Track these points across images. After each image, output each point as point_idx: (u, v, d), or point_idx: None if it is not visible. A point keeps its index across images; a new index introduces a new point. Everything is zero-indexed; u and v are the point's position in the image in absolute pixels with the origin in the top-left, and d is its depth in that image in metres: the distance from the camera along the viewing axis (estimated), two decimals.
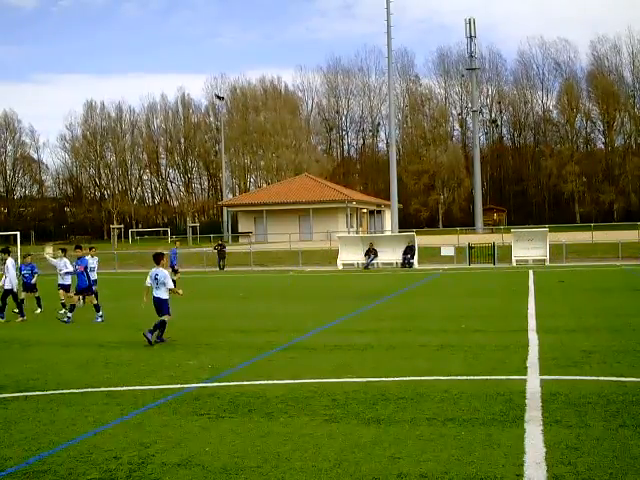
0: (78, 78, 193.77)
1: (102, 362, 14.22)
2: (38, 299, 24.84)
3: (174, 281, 22.11)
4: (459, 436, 8.36)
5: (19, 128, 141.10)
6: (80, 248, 23.29)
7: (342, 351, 14.79)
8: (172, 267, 33.52)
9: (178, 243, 39.52)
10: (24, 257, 25.55)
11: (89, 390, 11.55)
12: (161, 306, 16.62)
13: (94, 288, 23.11)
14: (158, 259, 17.00)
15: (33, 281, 24.19)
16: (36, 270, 24.37)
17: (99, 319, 21.42)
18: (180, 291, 17.83)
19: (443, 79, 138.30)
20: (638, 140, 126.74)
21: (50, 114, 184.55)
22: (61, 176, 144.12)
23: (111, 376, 12.69)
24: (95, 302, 22.03)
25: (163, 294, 16.65)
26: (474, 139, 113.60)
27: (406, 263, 46.85)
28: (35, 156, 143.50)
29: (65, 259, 23.62)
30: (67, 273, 23.24)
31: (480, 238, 61.87)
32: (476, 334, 16.54)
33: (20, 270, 24.68)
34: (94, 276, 24.45)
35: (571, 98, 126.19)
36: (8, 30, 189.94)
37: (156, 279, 16.60)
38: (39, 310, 24.50)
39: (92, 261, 24.93)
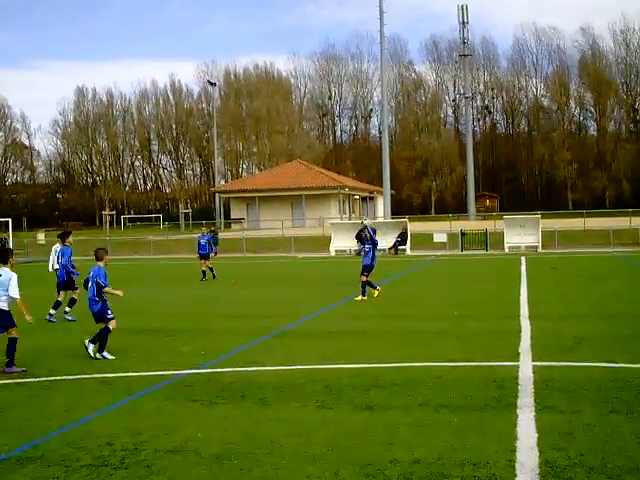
0: (70, 64, 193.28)
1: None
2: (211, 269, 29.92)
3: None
4: (452, 422, 8.38)
5: (10, 114, 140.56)
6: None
7: (335, 337, 14.81)
8: (201, 255, 30.37)
9: (204, 229, 34.79)
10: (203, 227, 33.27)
11: (82, 377, 11.55)
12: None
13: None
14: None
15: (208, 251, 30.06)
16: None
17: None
18: (118, 292, 13.73)
19: (436, 65, 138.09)
20: (630, 127, 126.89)
21: (42, 100, 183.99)
22: (53, 162, 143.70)
23: (103, 363, 12.68)
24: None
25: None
26: (467, 125, 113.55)
27: (397, 249, 46.86)
28: (27, 142, 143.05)
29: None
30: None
31: (472, 224, 61.89)
32: (469, 320, 16.57)
33: (198, 241, 30.44)
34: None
35: (562, 85, 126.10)
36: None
37: None
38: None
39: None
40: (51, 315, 18.66)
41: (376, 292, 21.63)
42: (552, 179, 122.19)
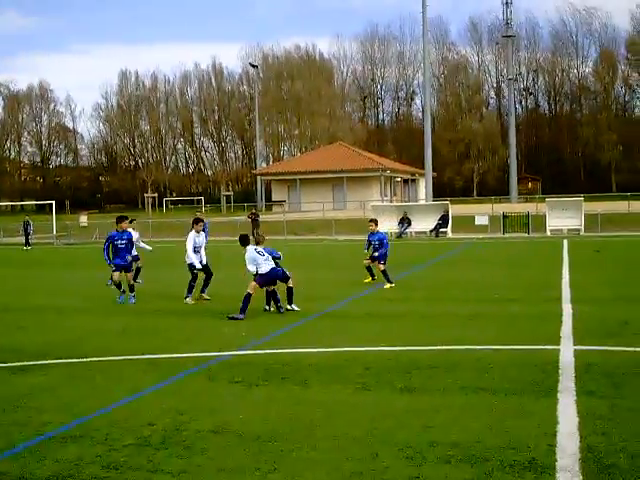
0: (113, 48, 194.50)
1: (138, 330, 14.37)
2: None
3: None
4: (491, 405, 8.36)
5: (53, 98, 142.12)
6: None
7: (375, 320, 14.83)
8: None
9: (198, 213, 33.67)
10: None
11: (126, 358, 11.69)
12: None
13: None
14: (246, 241, 16.41)
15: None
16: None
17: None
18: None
19: (478, 47, 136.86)
20: None
21: (86, 84, 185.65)
22: (96, 145, 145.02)
23: (147, 344, 12.83)
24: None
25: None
26: (510, 107, 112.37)
27: (438, 232, 46.72)
28: (70, 125, 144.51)
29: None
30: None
31: (514, 207, 61.48)
32: (509, 303, 16.48)
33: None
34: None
35: (608, 65, 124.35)
36: (43, 1, 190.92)
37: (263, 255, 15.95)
38: None
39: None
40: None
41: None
42: (596, 161, 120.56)
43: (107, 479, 6.56)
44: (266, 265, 15.79)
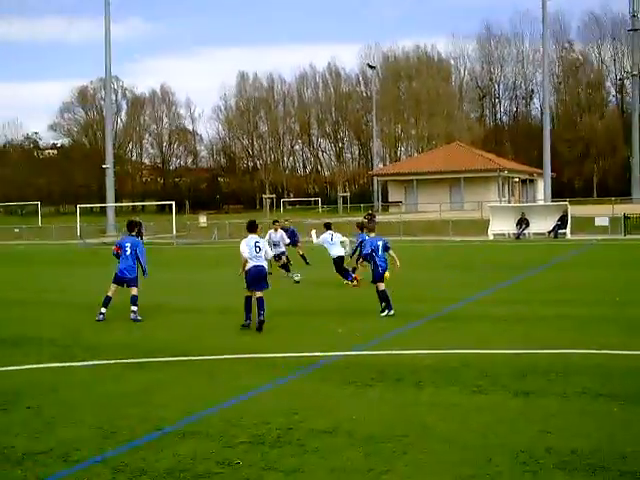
0: (231, 50, 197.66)
1: (254, 329, 14.51)
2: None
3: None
4: (612, 412, 8.12)
5: (174, 100, 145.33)
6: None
7: (492, 322, 14.61)
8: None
9: (278, 224, 29.05)
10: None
11: (241, 356, 11.85)
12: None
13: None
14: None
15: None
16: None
17: None
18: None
19: (598, 43, 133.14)
20: None
21: (205, 86, 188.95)
22: (215, 147, 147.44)
23: (262, 343, 12.97)
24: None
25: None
26: (633, 105, 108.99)
27: (557, 233, 45.79)
28: (190, 127, 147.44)
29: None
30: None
31: (636, 208, 59.61)
32: (632, 307, 15.99)
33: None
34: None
35: None
36: (166, 5, 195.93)
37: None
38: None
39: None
40: None
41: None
42: None
43: (221, 475, 6.67)
44: (251, 262, 14.56)
